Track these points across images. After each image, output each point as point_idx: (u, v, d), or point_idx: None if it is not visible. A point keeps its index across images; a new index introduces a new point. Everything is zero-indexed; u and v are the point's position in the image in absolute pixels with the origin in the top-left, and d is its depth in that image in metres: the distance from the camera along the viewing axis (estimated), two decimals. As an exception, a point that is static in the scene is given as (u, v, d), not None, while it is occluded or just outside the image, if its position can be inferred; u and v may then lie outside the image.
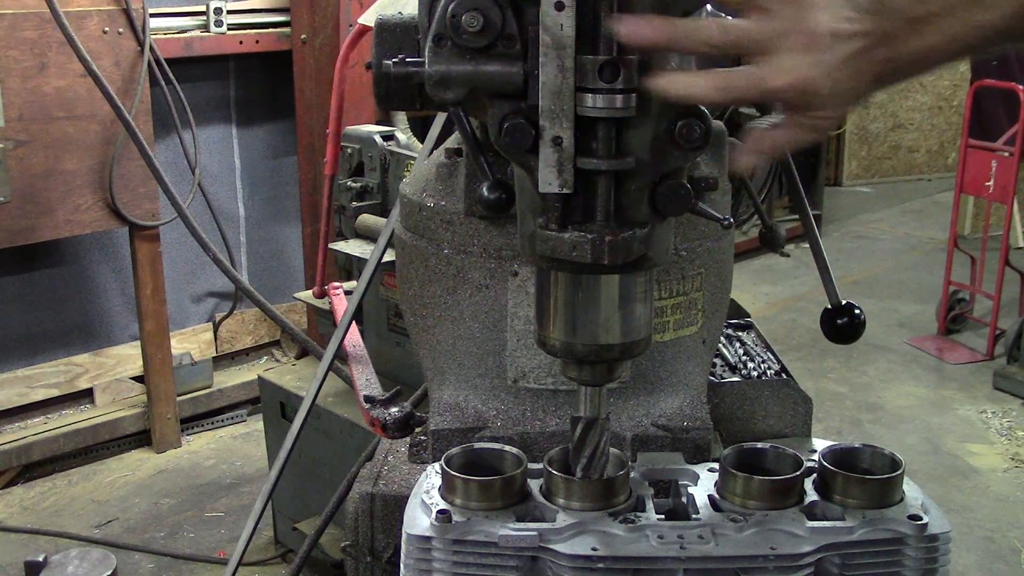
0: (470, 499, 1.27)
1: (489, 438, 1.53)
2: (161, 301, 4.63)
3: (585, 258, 1.11)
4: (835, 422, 5.18)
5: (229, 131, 5.24)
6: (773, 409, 1.82)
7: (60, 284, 4.73)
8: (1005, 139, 5.94)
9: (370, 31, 1.65)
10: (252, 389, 4.91)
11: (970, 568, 3.91)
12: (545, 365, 1.56)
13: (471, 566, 1.24)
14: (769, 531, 1.25)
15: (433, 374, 1.68)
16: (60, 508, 4.31)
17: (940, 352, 6.09)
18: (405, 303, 1.71)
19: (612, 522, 1.25)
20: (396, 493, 1.58)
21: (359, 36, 3.32)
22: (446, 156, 1.65)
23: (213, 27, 4.76)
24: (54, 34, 3.89)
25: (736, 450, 1.35)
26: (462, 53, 1.11)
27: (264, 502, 2.65)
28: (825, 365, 5.85)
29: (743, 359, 1.99)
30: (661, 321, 1.58)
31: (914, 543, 1.26)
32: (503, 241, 1.55)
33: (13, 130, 3.95)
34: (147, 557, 3.92)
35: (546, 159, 1.09)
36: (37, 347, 4.70)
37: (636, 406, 1.61)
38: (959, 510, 4.28)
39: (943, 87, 10.60)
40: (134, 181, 4.34)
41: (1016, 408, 5.33)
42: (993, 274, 5.97)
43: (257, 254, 5.47)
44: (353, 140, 3.57)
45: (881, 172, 10.62)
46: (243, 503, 4.28)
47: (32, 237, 4.15)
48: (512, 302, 1.55)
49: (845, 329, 1.30)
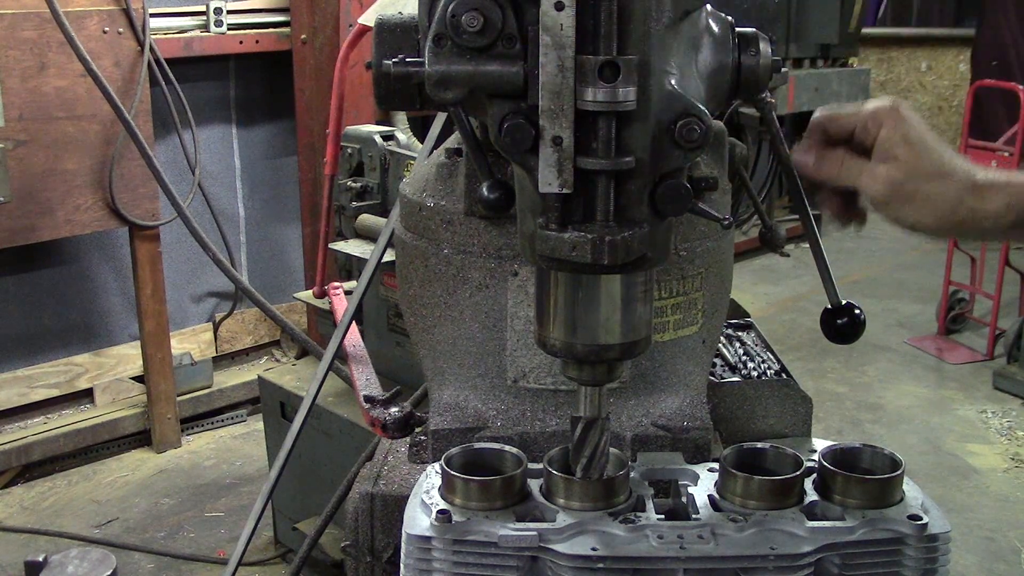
0: (470, 499, 1.27)
1: (489, 438, 1.53)
2: (161, 301, 4.63)
3: (585, 258, 1.11)
4: (835, 422, 5.18)
5: (229, 131, 5.24)
6: (773, 409, 1.82)
7: (60, 284, 4.73)
8: (1005, 139, 5.95)
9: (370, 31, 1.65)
10: (252, 389, 4.90)
11: (970, 568, 3.91)
12: (545, 365, 1.56)
13: (471, 566, 1.24)
14: (769, 531, 1.25)
15: (433, 374, 1.68)
16: (60, 508, 4.31)
17: (940, 352, 6.09)
18: (405, 303, 1.71)
19: (612, 522, 1.25)
20: (396, 493, 1.58)
21: (359, 36, 3.32)
22: (446, 156, 1.65)
23: (213, 27, 4.76)
24: (54, 34, 3.89)
25: (736, 450, 1.35)
26: (462, 53, 1.11)
27: (264, 502, 2.65)
28: (825, 365, 5.85)
29: (743, 359, 1.99)
30: (661, 321, 1.58)
31: (914, 543, 1.26)
32: (503, 241, 1.55)
33: (13, 130, 3.95)
34: (147, 557, 3.92)
35: (546, 159, 1.09)
36: (37, 347, 4.70)
37: (636, 406, 1.61)
38: (959, 510, 4.28)
39: (943, 87, 10.60)
40: (134, 181, 4.34)
41: (1016, 408, 5.34)
42: (993, 274, 5.97)
43: (257, 254, 5.47)
44: (353, 140, 3.57)
45: (881, 172, 10.59)
46: (243, 503, 4.28)
47: (32, 237, 4.15)
48: (512, 302, 1.55)
49: (845, 329, 1.30)
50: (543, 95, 1.07)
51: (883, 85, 10.13)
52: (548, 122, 1.08)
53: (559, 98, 1.07)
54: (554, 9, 1.04)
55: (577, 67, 1.06)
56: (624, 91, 1.07)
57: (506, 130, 1.09)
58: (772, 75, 1.24)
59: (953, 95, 10.56)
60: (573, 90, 1.07)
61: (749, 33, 1.23)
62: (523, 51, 1.10)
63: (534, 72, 1.08)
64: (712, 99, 1.20)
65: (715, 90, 1.20)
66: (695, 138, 1.10)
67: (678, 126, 1.10)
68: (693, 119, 1.10)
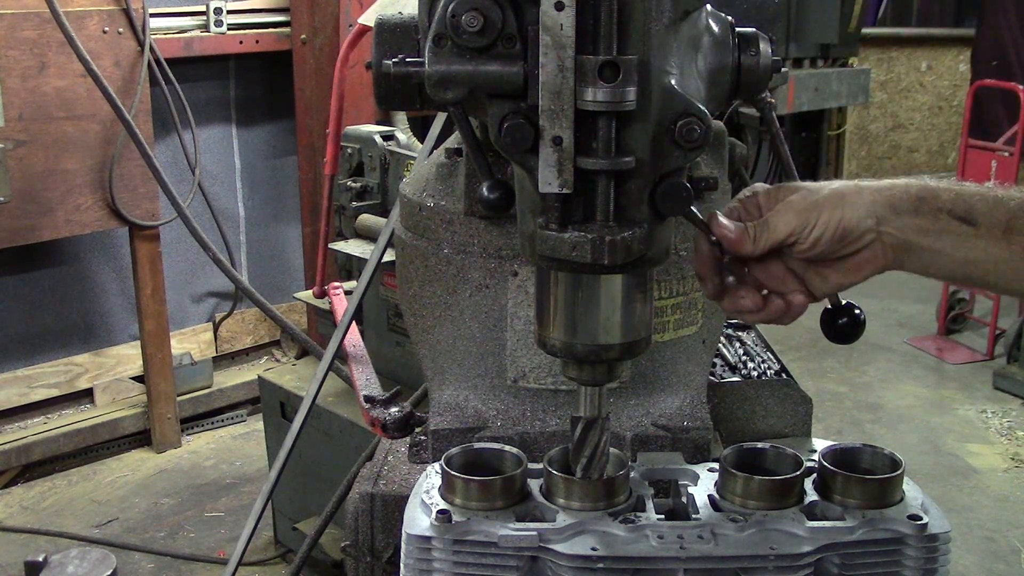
0: (470, 499, 1.27)
1: (489, 438, 1.54)
2: (161, 301, 4.63)
3: (585, 258, 1.11)
4: (835, 422, 5.18)
5: (229, 131, 5.24)
6: (773, 409, 1.82)
7: (60, 284, 4.73)
8: (1005, 139, 5.95)
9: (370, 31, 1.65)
10: (252, 389, 4.90)
11: (970, 568, 3.91)
12: (545, 365, 1.56)
13: (471, 566, 1.24)
14: (769, 531, 1.25)
15: (433, 374, 1.68)
16: (60, 508, 4.31)
17: (940, 352, 6.09)
18: (405, 303, 1.71)
19: (612, 522, 1.25)
20: (396, 493, 1.58)
21: (359, 36, 3.32)
22: (446, 156, 1.65)
23: (213, 27, 4.76)
24: (54, 34, 3.89)
25: (736, 450, 1.35)
26: (462, 53, 1.11)
27: (264, 502, 2.65)
28: (825, 365, 5.85)
29: (743, 359, 1.99)
30: (661, 321, 1.58)
31: (914, 543, 1.26)
32: (503, 241, 1.55)
33: (13, 130, 3.95)
34: (147, 557, 3.92)
35: (546, 159, 1.09)
36: (37, 347, 4.70)
37: (636, 406, 1.61)
38: (959, 510, 4.28)
39: (943, 87, 10.60)
40: (134, 181, 4.34)
41: (1016, 408, 5.33)
42: (993, 274, 5.95)
43: (257, 254, 5.47)
44: (353, 140, 3.57)
45: (881, 172, 10.62)
46: (243, 503, 4.28)
47: (32, 237, 4.15)
48: (512, 302, 1.55)
49: (845, 329, 1.30)
50: (543, 95, 1.07)
51: (883, 85, 10.13)
52: (548, 122, 1.08)
53: (559, 98, 1.07)
54: (554, 9, 1.04)
55: (577, 67, 1.06)
56: (624, 91, 1.07)
57: (506, 130, 1.09)
58: (772, 75, 1.24)
59: (953, 95, 10.55)
60: (573, 90, 1.07)
61: (749, 33, 1.22)
62: (523, 51, 1.10)
63: (534, 72, 1.08)
64: (712, 99, 1.20)
65: (715, 90, 1.20)
66: (695, 138, 1.10)
67: (678, 126, 1.10)
68: (693, 119, 1.10)
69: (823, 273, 1.25)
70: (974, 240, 1.20)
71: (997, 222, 1.20)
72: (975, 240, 1.20)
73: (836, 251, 1.23)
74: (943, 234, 1.21)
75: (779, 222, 1.22)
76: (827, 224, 1.21)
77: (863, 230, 1.21)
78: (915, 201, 1.22)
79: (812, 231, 1.21)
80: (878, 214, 1.21)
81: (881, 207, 1.21)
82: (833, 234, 1.21)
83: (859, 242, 1.22)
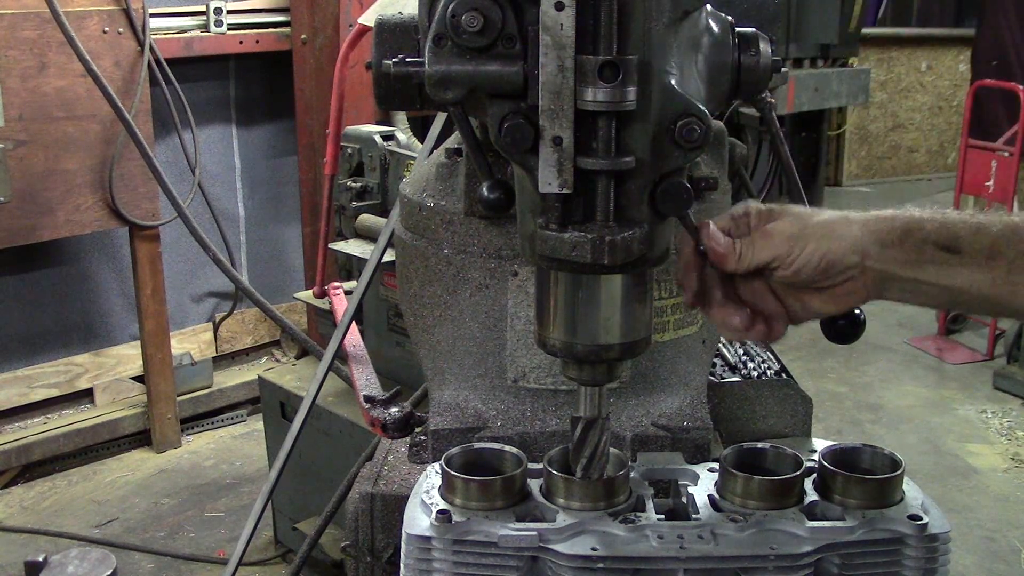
0: (470, 499, 1.27)
1: (489, 438, 1.54)
2: (161, 301, 4.63)
3: (585, 258, 1.11)
4: (835, 422, 5.18)
5: (229, 131, 5.24)
6: (773, 409, 1.82)
7: (60, 284, 4.73)
8: (1005, 139, 5.95)
9: (370, 31, 1.65)
10: (252, 389, 4.90)
11: (970, 568, 3.91)
12: (545, 365, 1.56)
13: (471, 566, 1.24)
14: (769, 531, 1.25)
15: (433, 374, 1.68)
16: (60, 508, 4.31)
17: (940, 352, 6.09)
18: (405, 303, 1.71)
19: (612, 522, 1.25)
20: (396, 493, 1.58)
21: (359, 36, 3.32)
22: (446, 156, 1.65)
23: (213, 27, 4.76)
24: (54, 34, 3.89)
25: (736, 450, 1.35)
26: (462, 53, 1.11)
27: (264, 502, 2.65)
28: (825, 365, 5.85)
29: (743, 359, 1.99)
30: (661, 321, 1.58)
31: (914, 543, 1.26)
32: (503, 241, 1.55)
33: (13, 130, 3.95)
34: (147, 557, 3.92)
35: (546, 159, 1.09)
36: (37, 347, 4.70)
37: (636, 406, 1.61)
38: (959, 510, 4.28)
39: (943, 87, 10.61)
40: (134, 181, 4.34)
41: (1016, 408, 5.33)
42: (993, 274, 5.95)
43: (257, 254, 5.47)
44: (353, 140, 3.57)
45: (881, 172, 10.63)
46: (243, 503, 4.28)
47: (32, 237, 4.15)
48: (512, 302, 1.55)
49: (845, 329, 1.30)
50: (543, 95, 1.07)
51: (883, 85, 10.13)
52: (548, 122, 1.08)
53: (559, 98, 1.07)
54: (554, 9, 1.04)
55: (577, 67, 1.06)
56: (624, 91, 1.07)
57: (506, 130, 1.09)
58: (772, 75, 1.24)
59: (953, 95, 10.55)
60: (573, 90, 1.07)
61: (749, 33, 1.22)
62: (523, 51, 1.10)
63: (534, 72, 1.08)
64: (712, 99, 1.20)
65: (715, 90, 1.20)
66: (695, 138, 1.10)
67: (678, 126, 1.10)
68: (693, 119, 1.10)
69: (803, 299, 1.27)
70: (958, 268, 1.21)
71: (981, 248, 1.20)
72: (959, 268, 1.21)
73: (818, 281, 1.23)
74: (927, 264, 1.21)
75: (764, 245, 1.23)
76: (811, 255, 1.21)
77: (847, 265, 1.22)
78: (901, 233, 1.22)
79: (796, 260, 1.22)
80: (864, 249, 1.22)
81: (868, 242, 1.22)
82: (817, 265, 1.22)
83: (842, 275, 1.23)
